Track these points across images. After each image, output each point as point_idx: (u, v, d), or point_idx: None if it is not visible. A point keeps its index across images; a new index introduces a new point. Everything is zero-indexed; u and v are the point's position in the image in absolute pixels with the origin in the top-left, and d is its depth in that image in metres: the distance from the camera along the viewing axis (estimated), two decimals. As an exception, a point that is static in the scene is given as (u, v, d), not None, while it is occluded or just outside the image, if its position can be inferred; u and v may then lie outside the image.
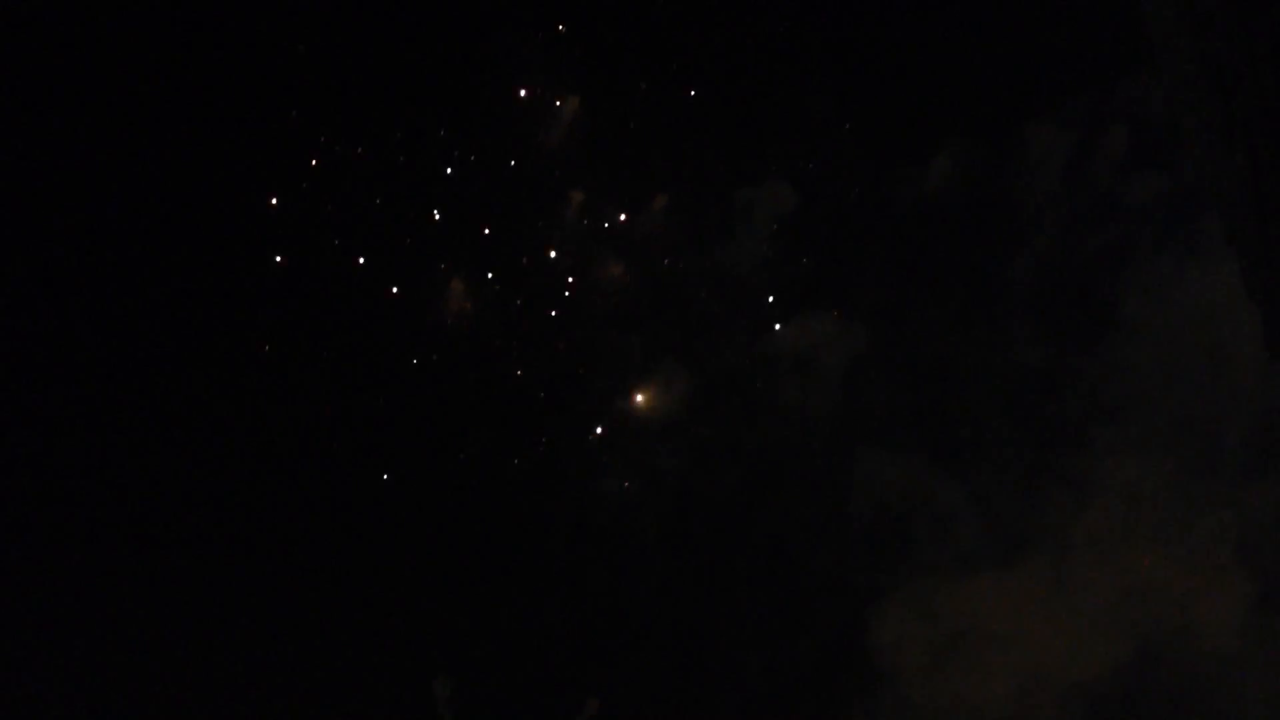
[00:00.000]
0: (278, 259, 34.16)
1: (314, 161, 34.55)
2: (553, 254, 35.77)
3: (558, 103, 35.26)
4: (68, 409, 32.80)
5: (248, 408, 33.92)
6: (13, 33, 30.98)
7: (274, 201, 34.05)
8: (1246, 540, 30.76)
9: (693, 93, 35.91)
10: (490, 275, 35.58)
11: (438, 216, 35.15)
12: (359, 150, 34.61)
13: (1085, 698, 31.26)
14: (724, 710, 33.79)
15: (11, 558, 31.94)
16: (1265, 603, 30.37)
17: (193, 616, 32.82)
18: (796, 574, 34.70)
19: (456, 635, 33.27)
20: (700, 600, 34.93)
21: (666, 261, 36.27)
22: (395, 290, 34.88)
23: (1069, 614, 31.99)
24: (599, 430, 35.69)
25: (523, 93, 34.93)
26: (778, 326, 36.04)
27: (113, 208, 33.62)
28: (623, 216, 36.01)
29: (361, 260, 34.69)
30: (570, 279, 35.97)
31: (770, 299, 36.36)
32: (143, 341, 33.58)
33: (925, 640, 32.90)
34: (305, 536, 33.67)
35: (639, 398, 35.95)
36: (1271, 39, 13.83)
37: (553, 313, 35.96)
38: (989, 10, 34.72)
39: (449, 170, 35.26)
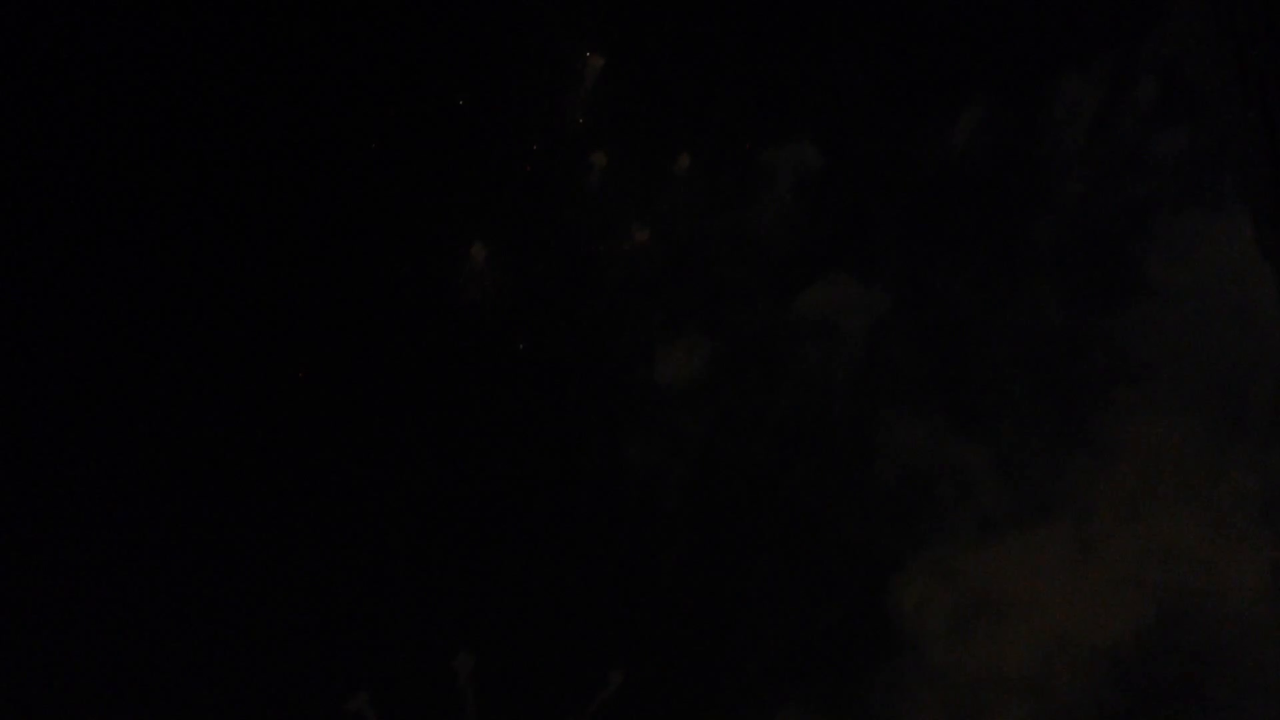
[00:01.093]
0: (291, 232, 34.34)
1: (328, 127, 34.64)
2: (572, 219, 35.68)
3: (579, 63, 35.05)
4: (85, 395, 33.24)
5: (267, 380, 34.20)
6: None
7: (286, 169, 34.18)
8: (1271, 503, 30.56)
9: (715, 52, 35.62)
10: (509, 242, 35.56)
11: (454, 180, 35.15)
12: (374, 117, 34.63)
13: (1108, 661, 31.25)
14: (747, 677, 33.91)
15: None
16: (1291, 566, 30.16)
17: (215, 591, 33.31)
18: (819, 540, 34.70)
19: (478, 611, 33.52)
20: (723, 568, 35.00)
21: (689, 226, 36.11)
22: (412, 260, 34.98)
23: (1092, 577, 31.95)
24: (620, 399, 35.71)
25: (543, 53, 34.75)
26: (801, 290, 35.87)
27: (127, 172, 33.89)
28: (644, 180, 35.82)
29: (378, 231, 34.80)
30: (591, 245, 35.90)
31: (793, 263, 36.17)
32: (160, 301, 33.95)
33: (948, 604, 32.94)
34: (325, 511, 34.00)
35: (661, 365, 35.90)
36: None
37: (573, 280, 35.94)
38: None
39: (466, 134, 35.22)
